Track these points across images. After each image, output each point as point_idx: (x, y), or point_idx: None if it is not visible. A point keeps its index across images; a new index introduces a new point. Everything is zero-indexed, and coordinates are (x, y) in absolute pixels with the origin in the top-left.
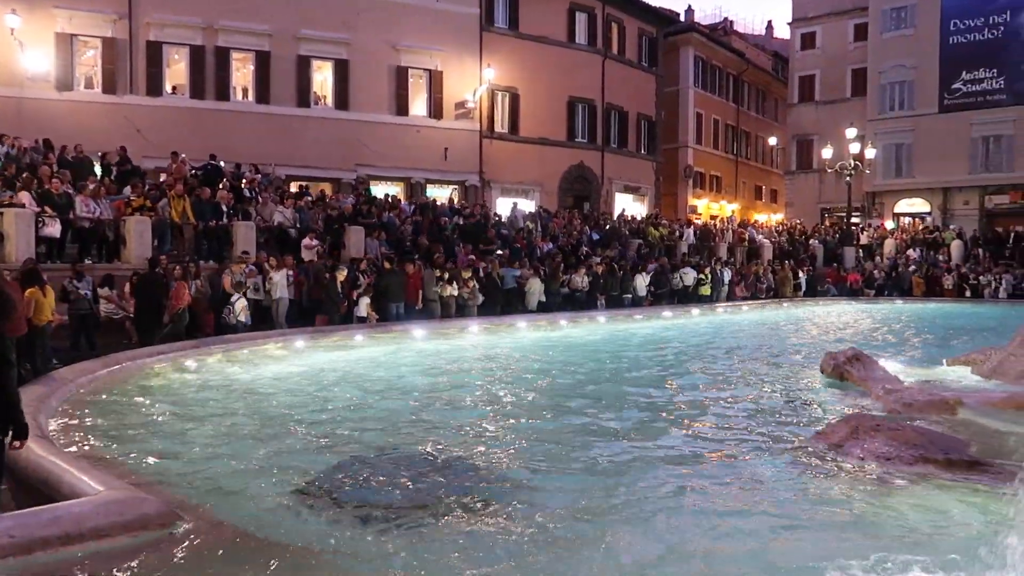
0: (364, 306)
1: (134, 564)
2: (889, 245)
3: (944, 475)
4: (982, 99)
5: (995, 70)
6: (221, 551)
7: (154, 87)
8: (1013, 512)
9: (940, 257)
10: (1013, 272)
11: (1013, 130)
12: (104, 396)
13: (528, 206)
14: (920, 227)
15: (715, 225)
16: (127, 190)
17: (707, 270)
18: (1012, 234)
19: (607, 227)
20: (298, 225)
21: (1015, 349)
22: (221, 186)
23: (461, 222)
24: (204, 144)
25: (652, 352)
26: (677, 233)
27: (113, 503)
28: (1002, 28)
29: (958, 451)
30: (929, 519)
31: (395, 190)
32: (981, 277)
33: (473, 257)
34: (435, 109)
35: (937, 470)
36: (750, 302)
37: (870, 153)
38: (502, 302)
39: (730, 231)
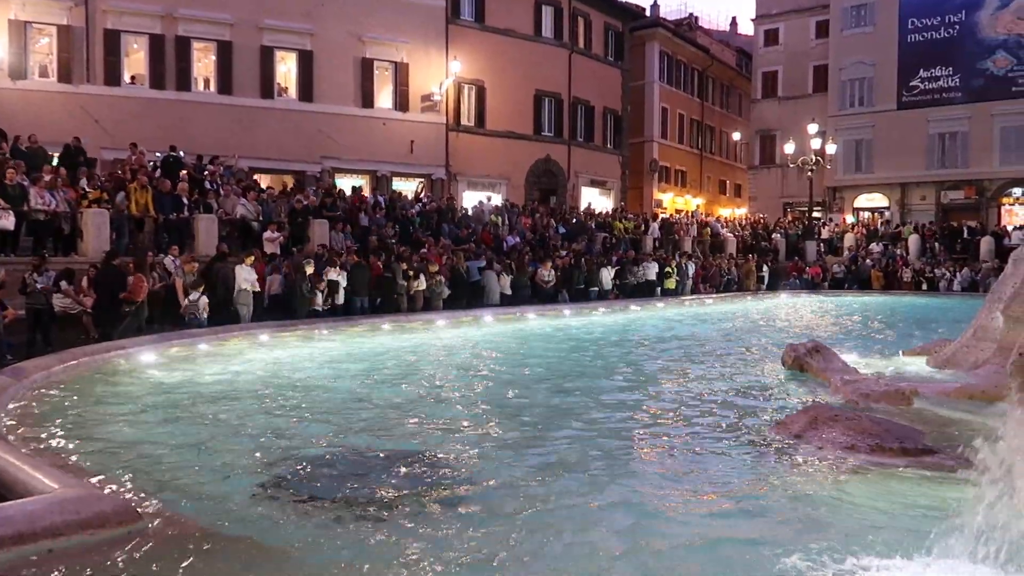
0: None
1: (91, 563)
2: (849, 239)
3: (899, 463)
4: (938, 96)
5: (951, 68)
6: (181, 549)
7: (112, 76)
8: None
9: (898, 251)
10: (970, 266)
11: (968, 127)
12: (60, 392)
13: (495, 200)
14: (879, 222)
15: (680, 219)
16: (83, 182)
17: (673, 264)
18: (965, 228)
19: (574, 221)
20: (260, 218)
21: (967, 341)
22: (181, 178)
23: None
24: (164, 135)
25: (616, 345)
26: (642, 227)
27: (69, 501)
28: (957, 27)
29: (913, 440)
30: (884, 506)
31: (360, 183)
32: (936, 270)
33: (427, 252)
34: (401, 101)
35: (892, 458)
36: (714, 295)
37: (831, 149)
38: (468, 295)
39: (695, 225)
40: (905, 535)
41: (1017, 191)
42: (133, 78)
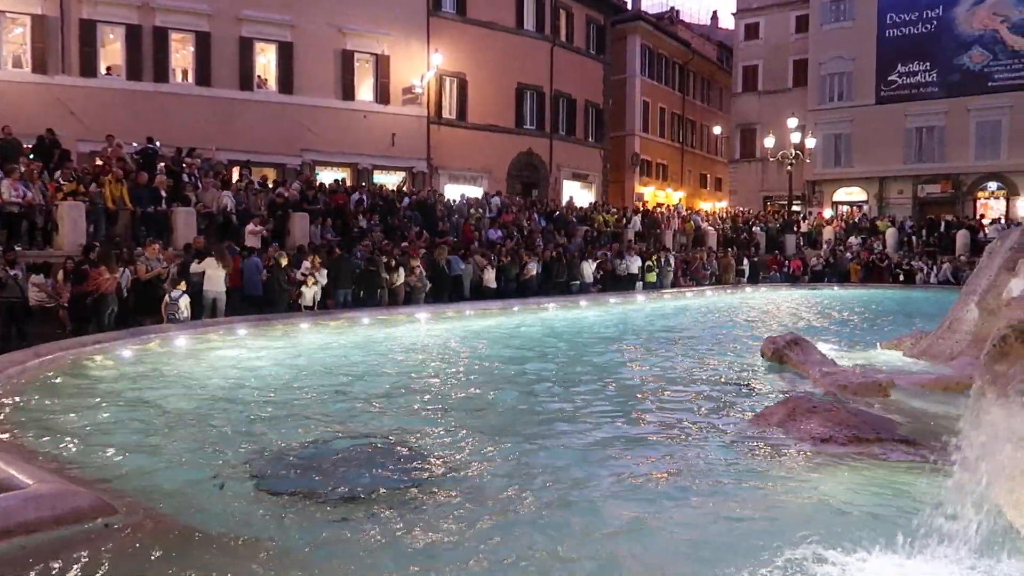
0: (310, 296)
1: (67, 559)
2: (828, 232)
3: (876, 453)
4: (916, 91)
5: (928, 63)
6: (157, 543)
7: (88, 67)
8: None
9: (876, 245)
10: (949, 259)
11: (945, 122)
12: (35, 387)
13: (476, 193)
14: (858, 215)
15: (661, 213)
16: (57, 174)
17: (654, 257)
18: (943, 222)
19: (556, 214)
20: (237, 211)
21: (943, 333)
22: (159, 170)
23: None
24: (142, 127)
25: (596, 338)
26: (624, 220)
27: (43, 496)
28: (935, 22)
29: (889, 431)
30: (861, 496)
31: (342, 176)
32: (914, 263)
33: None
34: (382, 94)
35: (870, 449)
36: (694, 288)
37: (810, 143)
38: (449, 289)
39: (676, 219)
40: (881, 524)
41: (992, 185)
42: (109, 69)
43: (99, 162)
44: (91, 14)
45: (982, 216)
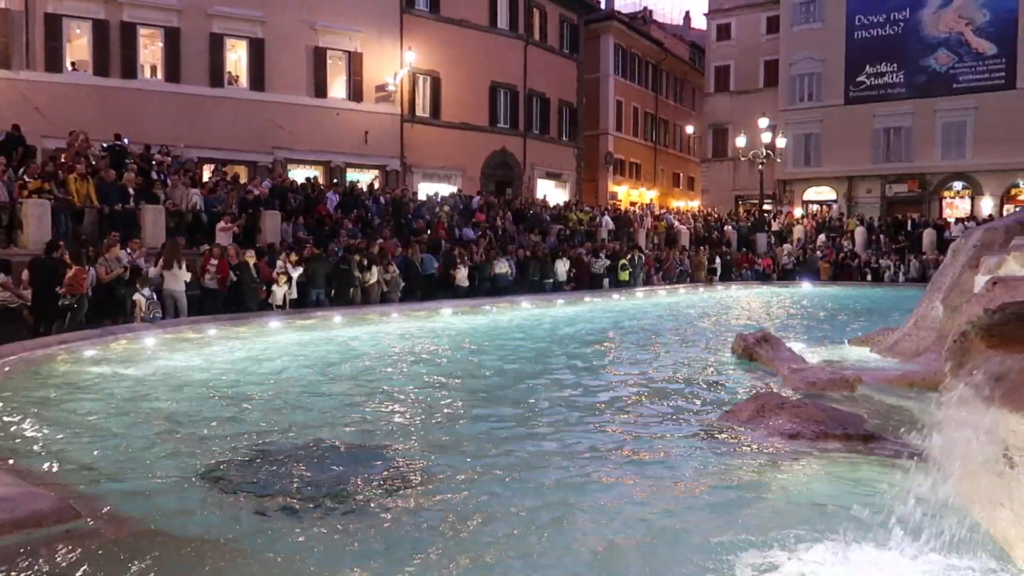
0: (280, 294)
1: (26, 564)
2: (798, 231)
3: (842, 449)
4: (884, 92)
5: (895, 64)
6: (122, 547)
7: (53, 63)
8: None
9: (845, 243)
10: (918, 258)
11: (911, 122)
12: None
13: (449, 191)
14: (827, 214)
15: (634, 212)
16: (21, 171)
17: (628, 256)
18: (910, 221)
19: (530, 213)
20: (205, 209)
21: (909, 330)
22: (129, 168)
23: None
24: (109, 124)
25: (568, 336)
26: (598, 220)
27: (2, 500)
28: (902, 24)
29: (856, 426)
30: (827, 491)
31: (314, 174)
32: (882, 261)
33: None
34: (355, 92)
35: (836, 444)
36: (666, 286)
37: (781, 142)
38: (423, 288)
39: (649, 217)
40: (848, 519)
41: (958, 185)
42: (75, 64)
43: (64, 158)
44: (57, 8)
45: (947, 218)
